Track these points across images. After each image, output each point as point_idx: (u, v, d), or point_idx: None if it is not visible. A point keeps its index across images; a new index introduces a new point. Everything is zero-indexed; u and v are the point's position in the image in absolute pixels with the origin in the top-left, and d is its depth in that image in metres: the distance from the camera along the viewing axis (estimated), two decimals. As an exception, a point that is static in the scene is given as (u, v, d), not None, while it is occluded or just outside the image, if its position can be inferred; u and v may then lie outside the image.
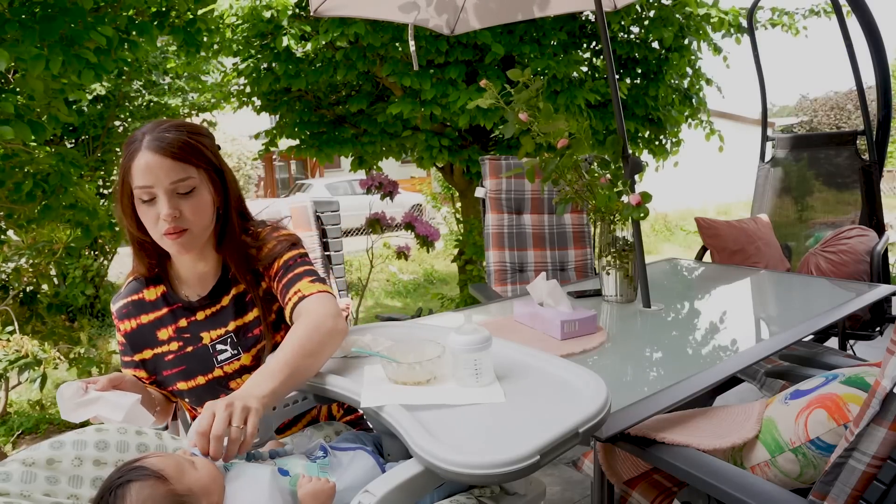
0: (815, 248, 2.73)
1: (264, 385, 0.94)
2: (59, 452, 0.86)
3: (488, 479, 0.75)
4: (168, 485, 0.78)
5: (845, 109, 20.01)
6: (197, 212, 1.12)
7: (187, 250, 1.15)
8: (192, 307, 1.22)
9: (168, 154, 1.08)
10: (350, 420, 1.34)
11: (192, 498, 0.80)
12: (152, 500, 0.77)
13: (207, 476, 0.83)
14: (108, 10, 2.30)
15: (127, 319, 1.24)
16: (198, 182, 1.12)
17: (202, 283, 1.23)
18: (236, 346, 1.21)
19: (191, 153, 1.11)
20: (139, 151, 1.08)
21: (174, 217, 1.09)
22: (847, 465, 0.86)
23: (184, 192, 1.11)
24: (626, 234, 1.76)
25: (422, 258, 7.62)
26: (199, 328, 1.22)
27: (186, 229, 1.11)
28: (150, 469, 0.80)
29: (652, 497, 1.20)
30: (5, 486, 0.79)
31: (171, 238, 1.11)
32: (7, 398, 2.92)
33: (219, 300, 1.22)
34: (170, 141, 1.09)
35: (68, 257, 3.77)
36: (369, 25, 3.23)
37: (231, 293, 1.22)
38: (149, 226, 1.12)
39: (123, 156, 1.12)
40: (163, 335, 1.22)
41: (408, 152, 4.23)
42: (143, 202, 1.10)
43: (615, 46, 3.82)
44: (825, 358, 1.75)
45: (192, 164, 1.11)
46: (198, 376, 1.21)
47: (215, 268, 1.23)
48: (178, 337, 1.22)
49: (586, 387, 0.95)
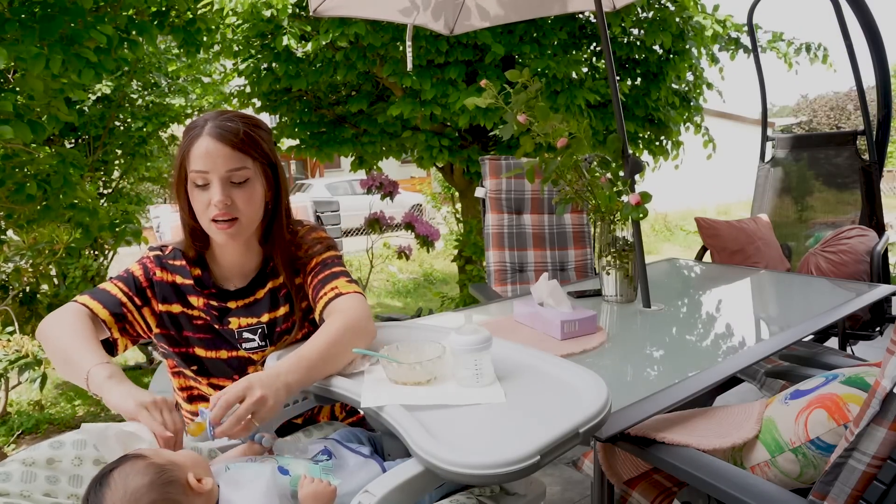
0: (815, 248, 2.73)
1: (292, 374, 0.98)
2: (58, 452, 0.86)
3: (488, 480, 0.75)
4: (147, 459, 0.79)
5: (845, 109, 20.02)
6: (249, 202, 1.13)
7: (234, 239, 1.16)
8: (225, 296, 1.23)
9: (227, 142, 1.10)
10: (353, 421, 1.34)
11: (175, 467, 0.80)
12: (135, 472, 0.77)
13: (187, 453, 0.85)
14: (108, 9, 2.30)
15: (164, 271, 1.21)
16: (252, 173, 1.14)
17: (242, 274, 1.25)
18: (265, 337, 1.22)
19: (249, 144, 1.12)
20: (200, 137, 1.10)
21: (226, 204, 1.10)
22: (847, 465, 0.86)
23: (238, 181, 1.12)
24: (626, 234, 1.76)
25: (422, 258, 7.62)
26: (228, 314, 1.22)
27: (236, 218, 1.13)
28: (127, 455, 0.81)
29: (652, 497, 1.20)
30: (5, 486, 0.79)
31: (220, 226, 1.12)
32: (7, 398, 2.92)
33: (254, 292, 1.24)
34: (231, 129, 1.10)
35: (68, 257, 3.76)
36: (369, 25, 3.23)
37: (267, 287, 1.24)
38: (199, 211, 1.13)
39: (183, 141, 1.13)
40: (194, 301, 1.22)
41: (408, 152, 4.23)
42: (196, 186, 1.12)
43: (615, 47, 3.82)
44: (825, 358, 1.75)
45: (249, 156, 1.13)
46: (222, 349, 1.21)
47: (257, 262, 1.25)
48: (207, 311, 1.22)
49: (587, 387, 0.95)
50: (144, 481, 0.76)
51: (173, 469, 0.79)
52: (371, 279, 6.61)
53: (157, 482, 0.77)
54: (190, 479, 0.80)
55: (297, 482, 0.85)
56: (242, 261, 1.24)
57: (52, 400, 3.36)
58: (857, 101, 9.30)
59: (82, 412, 3.22)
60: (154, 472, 0.78)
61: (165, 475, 0.78)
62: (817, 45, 4.24)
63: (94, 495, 0.77)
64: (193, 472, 0.81)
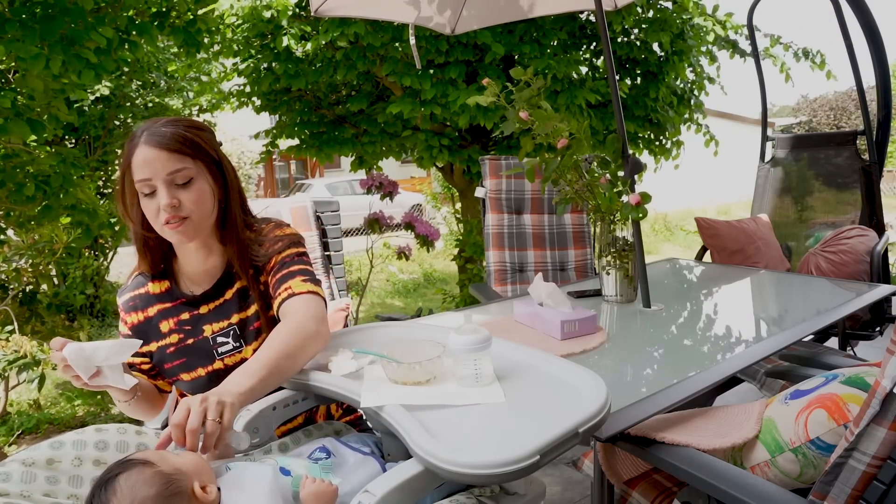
0: (815, 248, 2.73)
1: (243, 383, 0.96)
2: (58, 452, 0.86)
3: (488, 479, 0.75)
4: (154, 467, 0.79)
5: (845, 109, 20.02)
6: (196, 201, 1.14)
7: (189, 238, 1.16)
8: (196, 301, 1.24)
9: (164, 147, 1.11)
10: (350, 420, 1.34)
11: (181, 475, 0.80)
12: (142, 481, 0.77)
13: (192, 459, 0.84)
14: (108, 10, 2.30)
15: (133, 312, 1.26)
16: (195, 172, 1.14)
17: (207, 277, 1.25)
18: (239, 338, 1.23)
19: (186, 144, 1.13)
20: (137, 147, 1.12)
21: (173, 206, 1.11)
22: (847, 465, 0.86)
23: (181, 182, 1.13)
24: (626, 234, 1.76)
25: (422, 258, 7.62)
26: (201, 321, 1.23)
27: (187, 217, 1.14)
28: (134, 460, 0.80)
29: (652, 497, 1.20)
30: (5, 486, 0.79)
31: (172, 227, 1.13)
32: (7, 398, 2.92)
33: (222, 294, 1.24)
34: (165, 134, 1.12)
35: (68, 257, 3.77)
36: (369, 25, 3.23)
37: (235, 287, 1.24)
38: (151, 218, 1.14)
39: (124, 154, 1.15)
40: (164, 327, 1.24)
41: (408, 152, 4.23)
42: (144, 195, 1.13)
43: (615, 47, 3.82)
44: (825, 358, 1.75)
45: (189, 156, 1.14)
46: (198, 368, 1.23)
47: (220, 262, 1.25)
48: (179, 329, 1.23)
49: (586, 387, 0.95)
50: (151, 492, 0.76)
51: (180, 479, 0.79)
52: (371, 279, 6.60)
53: (163, 494, 0.77)
54: (195, 489, 0.80)
55: (299, 482, 0.85)
56: (205, 263, 1.24)
57: (52, 400, 3.36)
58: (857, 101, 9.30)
59: (82, 412, 3.22)
60: (161, 482, 0.78)
61: (172, 486, 0.78)
62: (815, 52, 4.23)
63: (99, 499, 0.77)
64: (199, 480, 0.81)
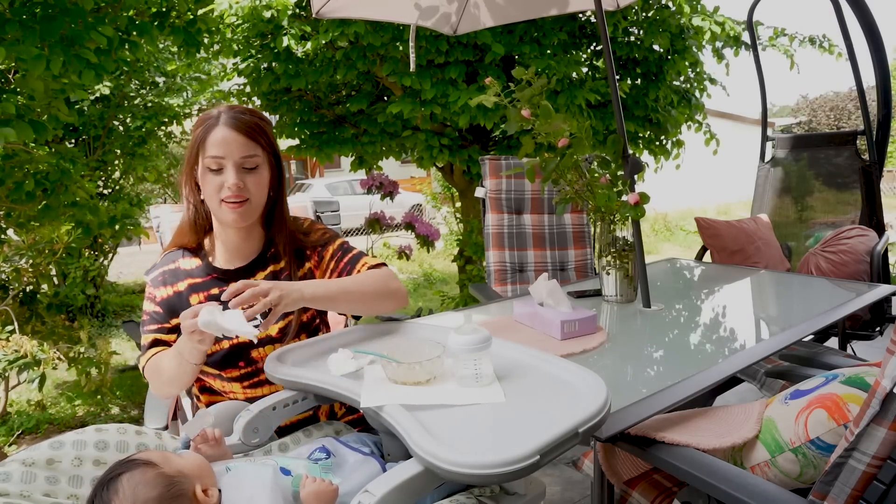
0: (815, 248, 2.73)
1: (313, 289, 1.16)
2: (58, 452, 0.86)
3: (488, 479, 0.75)
4: (157, 468, 0.79)
5: (845, 109, 20.02)
6: (258, 186, 1.24)
7: (244, 220, 1.24)
8: (227, 278, 1.27)
9: (242, 131, 1.21)
10: (352, 419, 1.34)
11: (183, 478, 0.80)
12: (144, 483, 0.77)
13: (195, 461, 0.84)
14: (108, 10, 2.30)
15: (163, 286, 1.30)
16: (261, 161, 1.24)
17: (241, 258, 1.31)
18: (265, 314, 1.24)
19: (260, 134, 1.24)
20: (216, 126, 1.21)
21: (238, 187, 1.20)
22: (847, 465, 0.86)
23: (250, 167, 1.23)
24: (626, 234, 1.76)
25: (422, 258, 7.62)
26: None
27: (247, 200, 1.22)
28: (137, 460, 0.81)
29: (652, 497, 1.20)
30: (5, 486, 0.79)
31: (231, 207, 1.21)
32: (7, 398, 2.92)
33: (254, 273, 1.30)
34: (244, 121, 1.22)
35: (68, 257, 3.77)
36: (369, 25, 3.23)
37: (268, 269, 1.31)
38: (210, 193, 1.22)
39: (198, 129, 1.23)
40: (194, 301, 1.27)
41: (408, 152, 4.23)
42: (210, 171, 1.21)
43: (615, 47, 3.82)
44: (825, 358, 1.75)
45: (260, 145, 1.24)
46: (222, 341, 1.25)
47: (256, 247, 1.33)
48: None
49: (586, 387, 0.95)
50: (153, 494, 0.77)
51: (182, 482, 0.80)
52: (371, 279, 6.58)
53: (165, 496, 0.77)
54: (197, 492, 0.80)
55: (299, 482, 0.85)
56: (244, 243, 1.31)
57: (53, 400, 3.36)
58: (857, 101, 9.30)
59: (82, 412, 3.22)
60: (164, 484, 0.78)
61: (174, 489, 0.78)
62: (822, 37, 4.19)
63: (101, 498, 0.77)
64: (200, 483, 0.81)
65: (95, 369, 2.80)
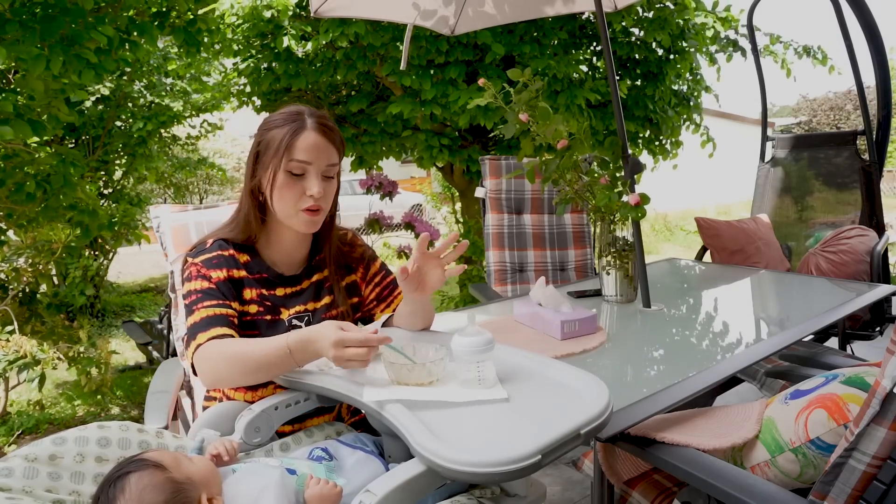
0: (815, 248, 2.73)
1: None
2: (61, 448, 0.86)
3: (490, 478, 0.75)
4: (167, 472, 0.79)
5: (845, 109, 20.02)
6: (331, 195, 1.23)
7: (315, 228, 1.23)
8: (275, 282, 1.25)
9: (331, 140, 1.19)
10: (353, 422, 1.34)
11: (191, 485, 0.80)
12: (152, 486, 0.77)
13: (205, 468, 0.84)
14: (108, 10, 2.30)
15: (219, 269, 1.20)
16: (337, 171, 1.24)
17: (291, 263, 1.29)
18: (310, 324, 1.21)
19: (341, 143, 1.24)
20: (305, 130, 1.16)
21: (320, 196, 1.18)
22: (847, 465, 0.86)
23: (329, 175, 1.21)
24: (626, 234, 1.76)
25: (422, 258, 7.60)
26: (278, 302, 1.25)
27: (320, 208, 1.21)
28: (148, 460, 0.81)
29: (652, 497, 1.21)
30: (7, 481, 0.80)
31: (310, 215, 1.19)
32: (7, 398, 2.92)
33: (300, 282, 1.29)
34: (332, 129, 1.21)
35: (68, 257, 3.76)
36: (369, 25, 3.23)
37: (313, 279, 1.30)
38: (287, 197, 1.18)
39: (283, 129, 1.16)
40: (247, 295, 1.22)
41: (408, 152, 4.23)
42: (292, 175, 1.17)
43: (615, 47, 3.82)
44: (825, 358, 1.75)
45: (339, 154, 1.23)
46: None
47: (305, 255, 1.31)
48: (260, 303, 1.23)
49: (588, 389, 0.95)
50: (159, 499, 0.77)
51: (189, 489, 0.80)
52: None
53: (170, 502, 0.77)
54: (202, 501, 0.80)
55: (303, 481, 0.85)
56: (296, 250, 1.29)
57: (52, 400, 3.36)
58: (856, 101, 9.30)
59: (82, 412, 3.22)
60: (170, 490, 0.78)
61: (180, 496, 0.78)
62: (816, 48, 4.22)
63: (107, 495, 0.77)
64: (207, 492, 0.81)
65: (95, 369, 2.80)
